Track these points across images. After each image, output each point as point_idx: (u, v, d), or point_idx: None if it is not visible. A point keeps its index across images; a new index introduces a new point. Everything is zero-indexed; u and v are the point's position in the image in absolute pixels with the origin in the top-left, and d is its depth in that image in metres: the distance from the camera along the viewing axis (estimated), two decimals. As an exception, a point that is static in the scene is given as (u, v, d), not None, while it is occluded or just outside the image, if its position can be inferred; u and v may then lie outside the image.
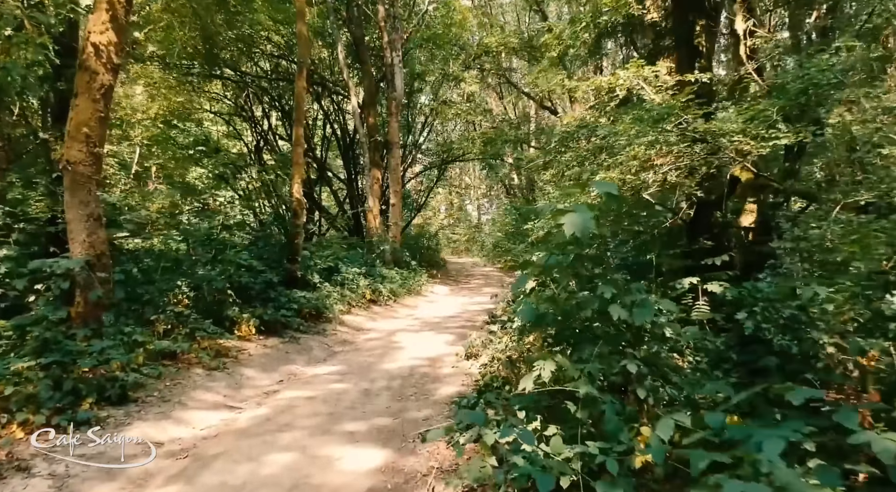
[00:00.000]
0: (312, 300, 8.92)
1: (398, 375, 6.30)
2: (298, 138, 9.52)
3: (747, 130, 3.44)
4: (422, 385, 5.89)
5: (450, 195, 37.92)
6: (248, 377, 6.11)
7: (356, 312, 10.21)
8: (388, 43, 15.27)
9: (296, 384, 6.04)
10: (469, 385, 5.74)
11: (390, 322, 9.98)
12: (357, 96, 16.09)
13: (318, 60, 19.20)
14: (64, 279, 5.34)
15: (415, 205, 23.83)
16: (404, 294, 12.84)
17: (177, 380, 5.54)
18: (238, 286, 7.94)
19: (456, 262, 27.79)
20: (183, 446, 4.26)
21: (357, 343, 8.25)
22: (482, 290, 16.01)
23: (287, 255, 9.41)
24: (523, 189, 29.87)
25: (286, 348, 7.41)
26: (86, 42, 5.24)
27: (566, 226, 2.51)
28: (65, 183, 5.39)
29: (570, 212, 2.57)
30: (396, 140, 16.12)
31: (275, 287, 8.55)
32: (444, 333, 8.66)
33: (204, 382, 5.66)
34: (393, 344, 8.04)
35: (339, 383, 6.03)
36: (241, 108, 20.13)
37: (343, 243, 13.38)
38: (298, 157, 9.47)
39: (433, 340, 8.17)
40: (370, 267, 12.62)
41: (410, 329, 9.18)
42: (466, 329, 8.92)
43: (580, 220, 2.48)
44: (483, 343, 6.80)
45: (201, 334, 6.48)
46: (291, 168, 9.58)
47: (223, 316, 7.23)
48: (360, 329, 9.24)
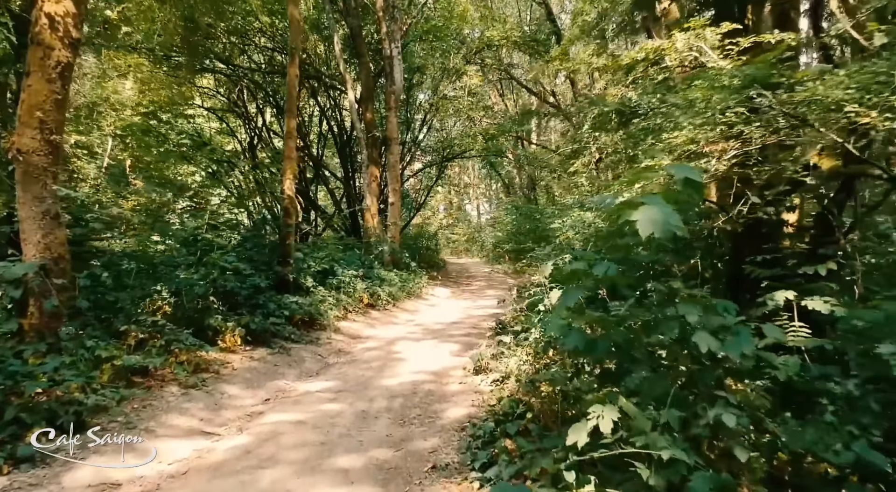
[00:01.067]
0: (305, 306, 8.22)
1: (399, 392, 5.61)
2: (290, 131, 8.82)
3: (864, 99, 2.73)
4: (426, 405, 5.21)
5: (449, 194, 37.27)
6: (229, 396, 5.42)
7: (353, 318, 9.52)
8: (386, 34, 14.58)
9: (284, 404, 5.35)
10: (479, 405, 5.06)
11: (390, 329, 9.29)
12: (354, 90, 15.39)
13: (314, 54, 18.51)
14: (15, 286, 4.64)
15: (414, 204, 23.14)
16: (404, 298, 12.15)
17: (147, 401, 4.85)
18: (223, 292, 7.25)
19: (456, 262, 27.14)
20: (144, 488, 3.57)
21: (354, 353, 7.56)
22: (485, 292, 15.35)
23: (278, 257, 8.71)
24: (524, 188, 29.23)
25: (275, 360, 6.71)
26: (39, 12, 4.53)
27: (642, 224, 1.83)
28: (16, 176, 4.69)
29: (644, 205, 1.89)
30: (395, 136, 15.43)
31: (264, 292, 7.86)
32: (449, 342, 7.97)
33: (178, 402, 4.96)
34: (393, 355, 7.35)
35: (332, 402, 5.34)
36: (235, 104, 19.50)
37: (339, 244, 12.68)
38: (290, 151, 8.77)
39: (437, 351, 7.49)
40: (368, 269, 11.93)
41: (412, 337, 8.49)
42: (472, 337, 8.24)
43: (660, 216, 1.81)
44: (494, 356, 6.11)
45: (179, 346, 5.78)
46: (283, 163, 8.88)
47: (205, 325, 6.53)
48: (357, 337, 8.55)
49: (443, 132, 20.57)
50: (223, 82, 20.12)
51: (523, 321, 6.57)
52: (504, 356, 5.96)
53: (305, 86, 18.59)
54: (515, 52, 24.14)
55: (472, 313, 10.89)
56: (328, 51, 17.98)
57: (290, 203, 8.74)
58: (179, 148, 12.57)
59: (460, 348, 7.53)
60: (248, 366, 6.29)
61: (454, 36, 17.57)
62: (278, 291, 8.31)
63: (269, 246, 9.02)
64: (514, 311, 8.66)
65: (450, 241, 33.38)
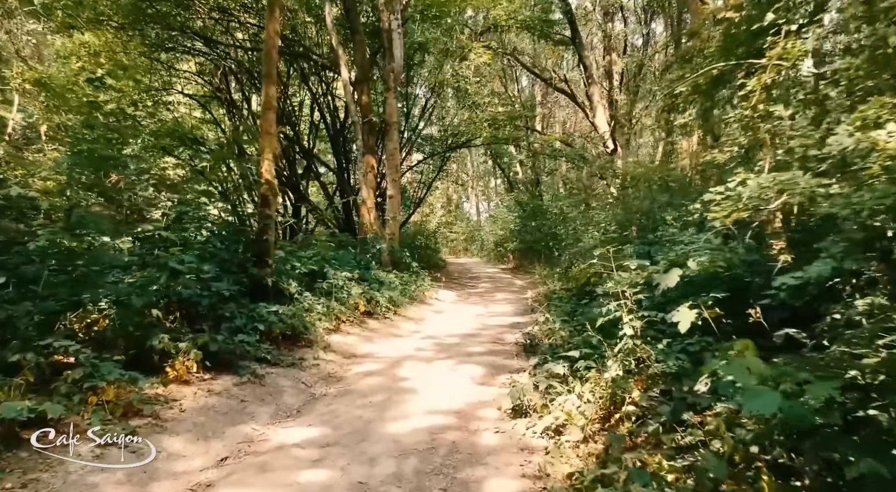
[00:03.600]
0: (287, 317, 6.56)
1: (412, 446, 3.97)
2: (269, 100, 7.14)
3: None
4: (452, 471, 3.57)
5: (448, 191, 35.68)
6: (167, 456, 3.75)
7: (347, 330, 7.86)
8: (385, 3, 12.91)
9: (247, 469, 3.69)
10: (534, 475, 3.42)
11: (392, 344, 7.64)
12: (348, 67, 13.72)
13: (304, 35, 16.86)
14: None
15: (413, 200, 21.47)
16: (406, 303, 10.51)
17: (32, 476, 3.19)
18: (178, 301, 5.58)
19: (456, 262, 25.66)
20: None
21: (348, 379, 5.89)
22: (494, 296, 13.75)
23: (254, 257, 7.05)
24: (527, 184, 27.69)
25: (243, 393, 5.04)
26: None
27: None
28: None
29: None
30: (394, 120, 13.77)
31: (233, 301, 6.19)
32: (468, 363, 6.33)
33: (83, 477, 3.30)
34: (398, 382, 5.70)
35: (316, 466, 3.70)
36: (218, 89, 17.91)
37: (331, 241, 11.00)
38: (269, 124, 7.10)
39: (455, 376, 5.85)
40: (364, 270, 10.28)
41: (420, 356, 6.83)
42: (497, 356, 6.62)
43: None
44: (540, 390, 4.48)
45: (100, 382, 4.11)
46: (260, 141, 7.20)
47: (147, 348, 4.87)
48: (352, 356, 6.89)
49: (445, 120, 18.86)
50: (206, 68, 18.59)
51: (579, 342, 4.93)
52: (555, 391, 4.33)
53: (294, 67, 16.94)
54: (521, 40, 22.58)
55: (488, 322, 9.26)
56: (320, 31, 16.34)
57: (268, 189, 7.07)
58: (158, 139, 10.94)
59: (485, 372, 5.90)
60: (204, 404, 4.63)
61: (458, 12, 15.92)
62: (253, 299, 6.64)
63: (245, 243, 7.34)
64: (544, 321, 7.06)
65: (448, 239, 31.83)
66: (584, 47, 18.96)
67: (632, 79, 18.92)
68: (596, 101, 18.22)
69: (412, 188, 22.98)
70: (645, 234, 10.10)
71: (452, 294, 13.88)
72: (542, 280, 14.70)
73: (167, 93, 18.27)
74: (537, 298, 11.61)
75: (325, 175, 21.10)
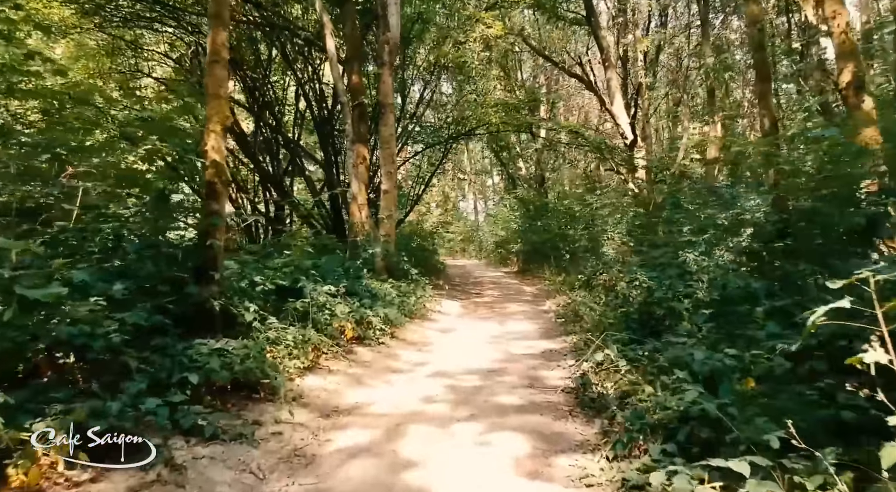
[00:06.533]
0: (238, 358, 4.49)
1: None
2: (217, 50, 5.07)
3: None
4: None
5: (445, 188, 33.73)
6: None
7: (327, 367, 5.81)
8: (378, -40, 10.89)
9: None
10: None
11: (390, 389, 5.58)
12: (336, 43, 11.69)
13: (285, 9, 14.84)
14: None
15: (409, 198, 19.43)
16: (405, 322, 8.47)
17: None
18: (47, 347, 3.53)
19: (454, 264, 23.76)
20: None
21: (322, 465, 3.81)
22: (506, 307, 11.71)
23: (194, 270, 4.99)
24: (531, 180, 25.77)
25: (141, 507, 2.99)
26: None
27: None
28: None
29: None
30: (390, 102, 11.73)
31: (160, 336, 4.16)
32: (503, 429, 4.27)
33: None
34: (400, 474, 3.63)
35: None
36: (190, 73, 16.04)
37: (312, 245, 8.94)
38: (217, 84, 5.03)
39: (487, 459, 3.77)
40: (354, 280, 8.24)
41: (430, 413, 4.75)
42: (542, 413, 4.59)
43: None
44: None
45: None
46: (207, 106, 5.13)
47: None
48: (332, 412, 4.82)
49: (448, 106, 16.85)
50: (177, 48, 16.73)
51: (692, 410, 2.89)
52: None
53: (276, 45, 14.87)
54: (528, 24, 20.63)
55: (511, 350, 7.22)
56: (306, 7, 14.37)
57: (214, 174, 5.00)
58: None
59: (532, 450, 3.86)
60: (55, 546, 2.57)
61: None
62: (190, 332, 4.58)
63: (184, 251, 5.27)
64: (600, 357, 5.08)
65: (444, 240, 29.86)
66: (599, 27, 17.07)
67: (653, 61, 17.02)
68: (614, 87, 16.33)
69: (407, 186, 20.99)
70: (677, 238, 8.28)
71: (457, 305, 11.87)
72: (557, 288, 12.74)
73: (134, 78, 16.47)
74: (562, 314, 9.65)
75: (314, 172, 19.09)
